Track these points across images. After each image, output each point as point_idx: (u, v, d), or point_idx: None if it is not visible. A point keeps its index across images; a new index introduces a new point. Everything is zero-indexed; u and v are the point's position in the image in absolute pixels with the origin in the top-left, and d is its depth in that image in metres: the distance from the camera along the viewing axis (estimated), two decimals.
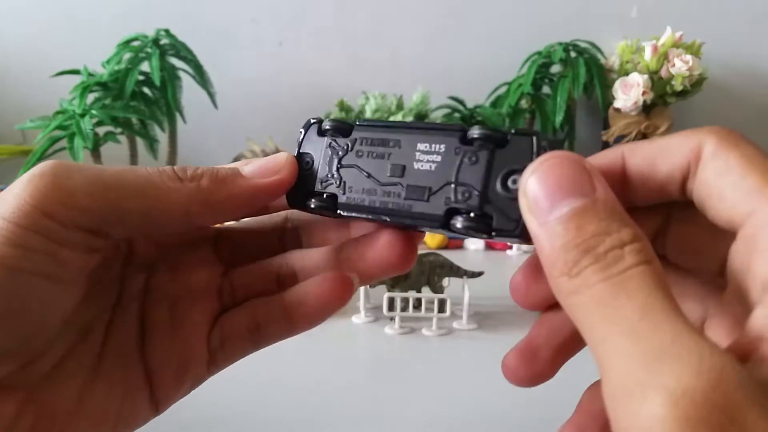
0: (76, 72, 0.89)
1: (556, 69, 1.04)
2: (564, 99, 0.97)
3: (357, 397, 0.41)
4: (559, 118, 0.98)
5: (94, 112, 0.82)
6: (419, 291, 0.55)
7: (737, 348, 0.14)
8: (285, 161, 0.22)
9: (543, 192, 0.16)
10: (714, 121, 0.18)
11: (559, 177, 0.16)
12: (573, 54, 1.00)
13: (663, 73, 0.94)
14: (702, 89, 0.97)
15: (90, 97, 0.86)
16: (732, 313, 0.18)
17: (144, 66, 0.90)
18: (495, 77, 1.07)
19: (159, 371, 0.22)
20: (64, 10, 1.08)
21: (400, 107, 0.97)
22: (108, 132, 0.87)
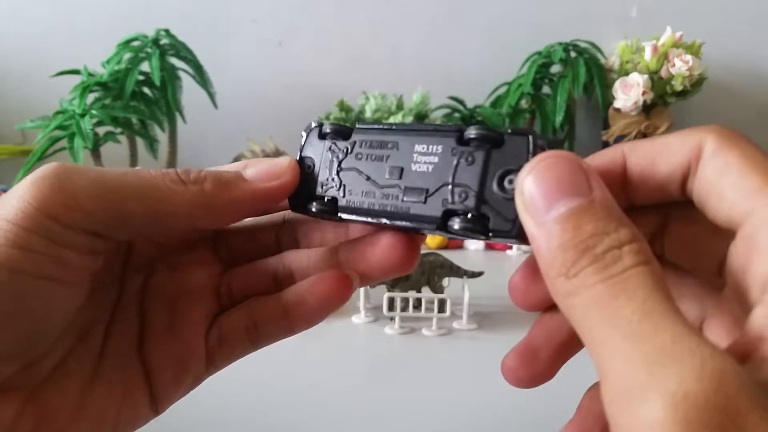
0: (76, 72, 0.89)
1: (556, 69, 1.03)
2: (564, 99, 0.97)
3: (357, 397, 0.41)
4: (559, 118, 0.98)
5: (94, 112, 0.82)
6: (419, 291, 0.55)
7: (737, 348, 0.14)
8: (287, 166, 0.22)
9: (539, 191, 0.15)
10: (714, 121, 0.18)
11: (556, 176, 0.15)
12: (573, 54, 1.00)
13: (663, 73, 0.93)
14: (702, 89, 0.97)
15: (90, 97, 0.86)
16: (730, 313, 0.18)
17: (144, 66, 0.90)
18: (495, 77, 1.07)
19: (158, 371, 0.22)
20: (64, 10, 1.08)
21: (400, 107, 0.97)
22: (108, 132, 0.87)
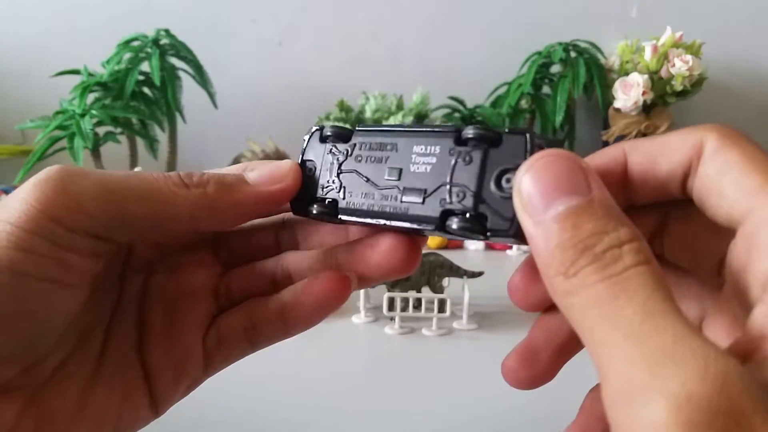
0: (76, 72, 0.89)
1: (556, 69, 1.03)
2: (564, 99, 0.97)
3: (357, 397, 0.41)
4: (559, 118, 0.98)
5: (94, 112, 0.82)
6: (419, 291, 0.54)
7: (738, 348, 0.14)
8: (289, 169, 0.22)
9: (537, 190, 0.15)
10: (714, 121, 0.18)
11: (554, 175, 0.15)
12: (573, 54, 1.00)
13: (663, 73, 0.93)
14: (702, 89, 0.97)
15: (90, 97, 0.86)
16: (730, 312, 0.18)
17: (144, 66, 0.90)
18: (495, 77, 1.07)
19: (157, 372, 0.22)
20: (64, 10, 1.08)
21: (400, 107, 0.97)
22: (108, 132, 0.87)
